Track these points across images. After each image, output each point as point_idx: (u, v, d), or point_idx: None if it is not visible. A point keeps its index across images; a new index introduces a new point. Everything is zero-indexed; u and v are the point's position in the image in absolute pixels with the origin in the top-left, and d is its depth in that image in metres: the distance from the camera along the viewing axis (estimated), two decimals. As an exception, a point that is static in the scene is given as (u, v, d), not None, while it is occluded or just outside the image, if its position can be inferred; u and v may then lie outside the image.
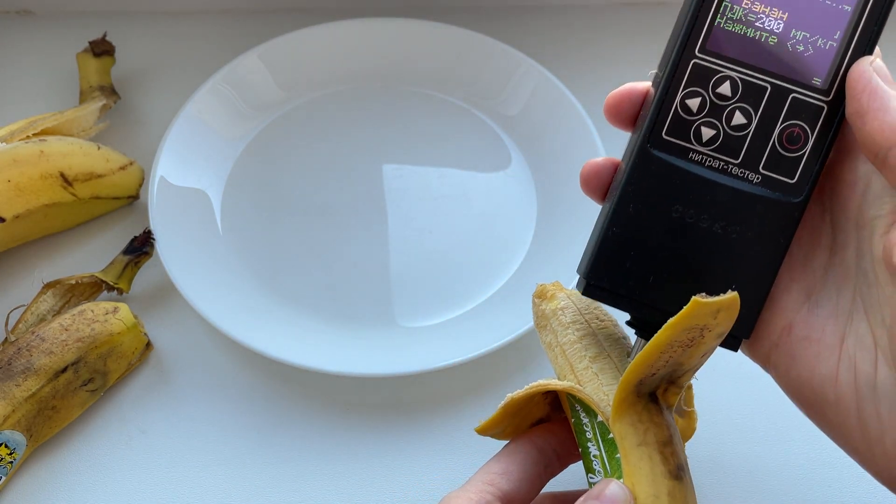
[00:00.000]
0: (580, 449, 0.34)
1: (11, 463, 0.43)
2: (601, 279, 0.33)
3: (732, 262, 0.33)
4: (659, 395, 0.33)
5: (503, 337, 0.46)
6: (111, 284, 0.48)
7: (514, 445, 0.36)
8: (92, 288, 0.49)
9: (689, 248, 0.33)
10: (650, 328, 0.34)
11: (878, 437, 0.31)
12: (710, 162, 0.33)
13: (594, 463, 0.33)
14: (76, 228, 0.53)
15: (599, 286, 0.34)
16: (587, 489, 0.33)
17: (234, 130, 0.56)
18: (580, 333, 0.35)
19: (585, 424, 0.34)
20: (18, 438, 0.43)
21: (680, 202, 0.33)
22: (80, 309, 0.46)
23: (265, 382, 0.48)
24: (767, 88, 0.32)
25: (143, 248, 0.49)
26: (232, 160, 0.55)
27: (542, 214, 0.53)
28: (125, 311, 0.46)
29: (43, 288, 0.47)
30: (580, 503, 0.31)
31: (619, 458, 0.32)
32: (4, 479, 0.43)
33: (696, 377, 0.34)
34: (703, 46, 0.32)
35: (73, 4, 0.62)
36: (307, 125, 0.57)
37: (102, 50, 0.56)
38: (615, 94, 0.34)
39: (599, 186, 0.35)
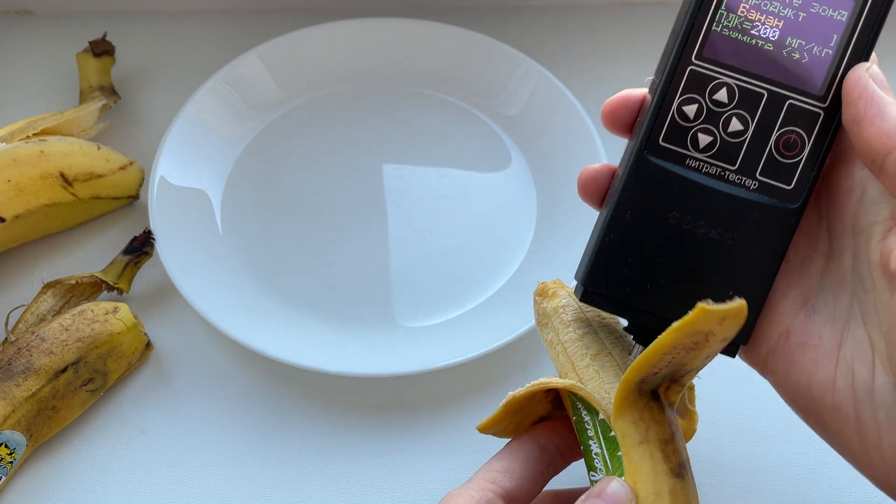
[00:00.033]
0: (582, 447, 0.34)
1: (11, 463, 0.43)
2: (599, 285, 0.34)
3: (730, 268, 0.33)
4: (661, 392, 0.33)
5: (503, 337, 0.46)
6: (111, 284, 0.48)
7: (516, 443, 0.36)
8: (92, 288, 0.49)
9: (686, 254, 0.33)
10: (648, 334, 0.34)
11: (875, 442, 0.31)
12: (707, 168, 0.33)
13: (596, 461, 0.33)
14: (76, 228, 0.53)
15: (597, 292, 0.34)
16: (589, 487, 0.33)
17: (234, 130, 0.56)
18: (581, 331, 0.35)
19: (587, 422, 0.34)
20: (18, 438, 0.43)
21: (677, 208, 0.33)
22: (80, 309, 0.46)
23: (265, 382, 0.48)
24: (764, 95, 0.32)
25: (143, 248, 0.49)
26: (232, 160, 0.55)
27: (542, 214, 0.53)
28: (125, 311, 0.46)
29: (43, 288, 0.47)
30: (582, 501, 0.31)
31: (620, 455, 0.32)
32: (4, 479, 0.43)
33: (698, 376, 0.34)
34: (699, 53, 0.32)
35: (73, 4, 0.62)
36: (307, 125, 0.57)
37: (102, 50, 0.57)
38: (612, 101, 0.35)
39: (597, 193, 0.35)
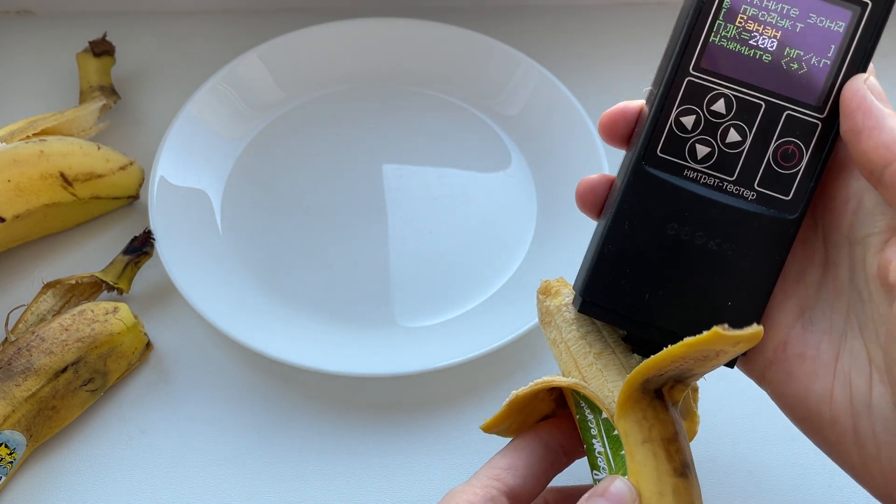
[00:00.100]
0: (585, 445, 0.34)
1: (11, 463, 0.43)
2: (597, 296, 0.34)
3: (728, 279, 0.33)
4: (665, 391, 0.32)
5: (503, 337, 0.46)
6: (111, 284, 0.48)
7: (520, 441, 0.36)
8: (92, 288, 0.49)
9: (684, 265, 0.33)
10: (647, 344, 0.34)
11: (874, 454, 0.31)
12: (705, 179, 0.33)
13: (599, 460, 0.33)
14: (76, 228, 0.53)
15: (596, 303, 0.34)
16: (592, 485, 0.33)
17: (234, 130, 0.56)
18: (585, 329, 0.35)
19: (590, 421, 0.34)
20: (18, 438, 0.43)
21: (675, 219, 0.33)
22: (80, 309, 0.46)
23: (265, 382, 0.48)
24: (762, 106, 0.32)
25: (143, 248, 0.49)
26: (232, 160, 0.55)
27: (542, 214, 0.53)
28: (125, 311, 0.46)
29: (43, 288, 0.47)
30: (585, 499, 0.31)
31: (623, 454, 0.32)
32: (4, 479, 0.43)
33: (703, 378, 0.34)
34: (697, 64, 0.32)
35: (73, 4, 0.62)
36: (307, 125, 0.57)
37: (102, 50, 0.56)
38: (610, 112, 0.35)
39: (595, 203, 0.35)
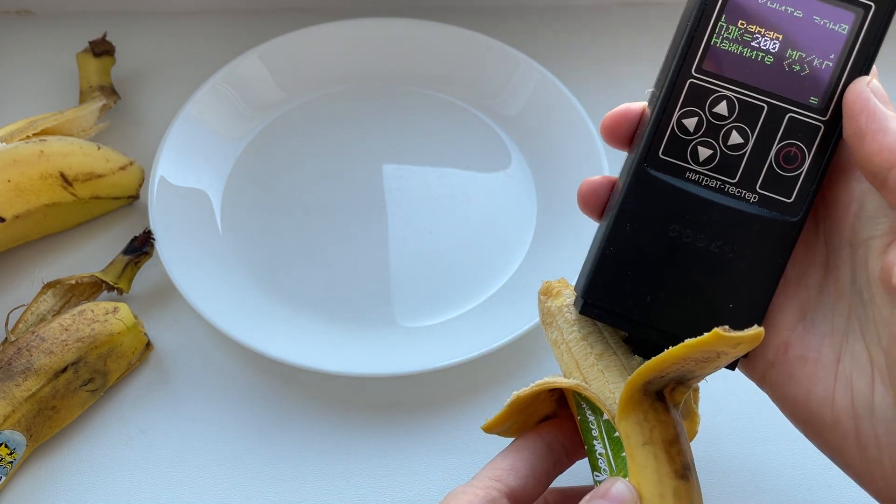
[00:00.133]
0: (586, 447, 0.34)
1: (11, 463, 0.43)
2: (599, 298, 0.34)
3: (730, 281, 0.33)
4: (666, 393, 0.32)
5: (503, 337, 0.46)
6: (111, 284, 0.48)
7: (522, 441, 0.36)
8: (92, 288, 0.49)
9: (686, 267, 0.33)
10: (648, 346, 0.34)
11: (875, 457, 0.31)
12: (707, 181, 0.33)
13: (600, 461, 0.33)
14: (76, 228, 0.53)
15: (597, 305, 0.34)
16: (592, 486, 0.33)
17: (234, 130, 0.56)
18: (586, 331, 0.35)
19: (591, 422, 0.34)
20: (18, 438, 0.43)
21: (677, 221, 0.33)
22: (80, 309, 0.46)
23: (265, 382, 0.48)
24: (764, 108, 0.32)
25: (143, 248, 0.49)
26: (232, 160, 0.55)
27: (542, 214, 0.53)
28: (125, 311, 0.46)
29: (43, 288, 0.47)
30: (586, 501, 0.31)
31: (624, 456, 0.32)
32: (4, 479, 0.43)
33: (704, 379, 0.34)
34: (699, 66, 0.32)
35: (73, 4, 0.62)
36: (307, 125, 0.57)
37: (102, 50, 0.56)
38: (612, 114, 0.35)
39: (597, 205, 0.35)
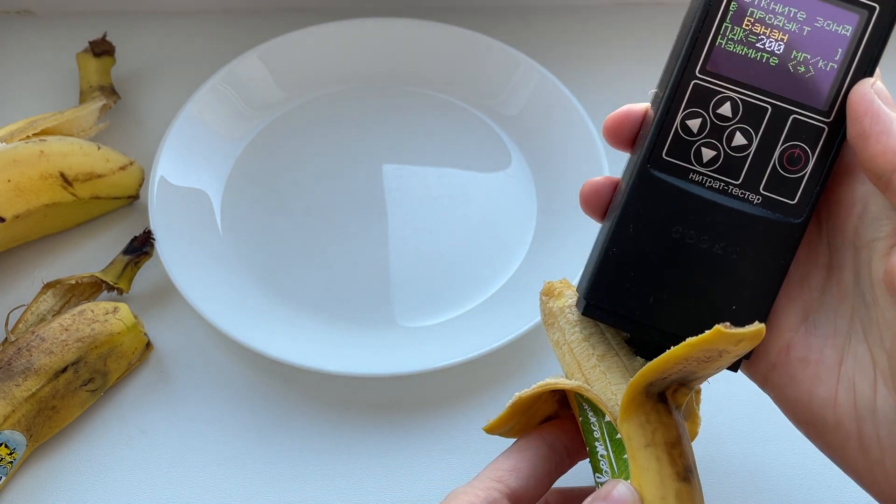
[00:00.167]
0: (588, 448, 0.34)
1: (11, 463, 0.43)
2: (601, 299, 0.33)
3: (733, 283, 0.33)
4: (668, 395, 0.32)
5: (503, 337, 0.46)
6: (111, 284, 0.48)
7: (524, 442, 0.35)
8: (92, 288, 0.49)
9: (689, 268, 0.33)
10: (650, 347, 0.34)
11: (878, 459, 0.31)
12: (710, 183, 0.33)
13: (601, 463, 0.33)
14: (76, 228, 0.53)
15: (600, 306, 0.34)
16: (594, 487, 0.33)
17: (234, 130, 0.56)
18: (588, 332, 0.35)
19: (593, 424, 0.33)
20: (18, 438, 0.43)
21: (680, 223, 0.33)
22: (80, 309, 0.46)
23: (265, 382, 0.48)
24: (768, 109, 0.32)
25: (143, 248, 0.49)
26: (232, 160, 0.55)
27: (542, 214, 0.53)
28: (125, 311, 0.46)
29: (43, 288, 0.47)
30: (588, 503, 0.31)
31: (626, 458, 0.31)
32: (4, 479, 0.43)
33: (707, 381, 0.34)
34: (703, 67, 0.32)
35: (73, 4, 0.62)
36: (307, 125, 0.57)
37: (102, 50, 0.56)
38: (614, 115, 0.34)
39: (599, 206, 0.35)
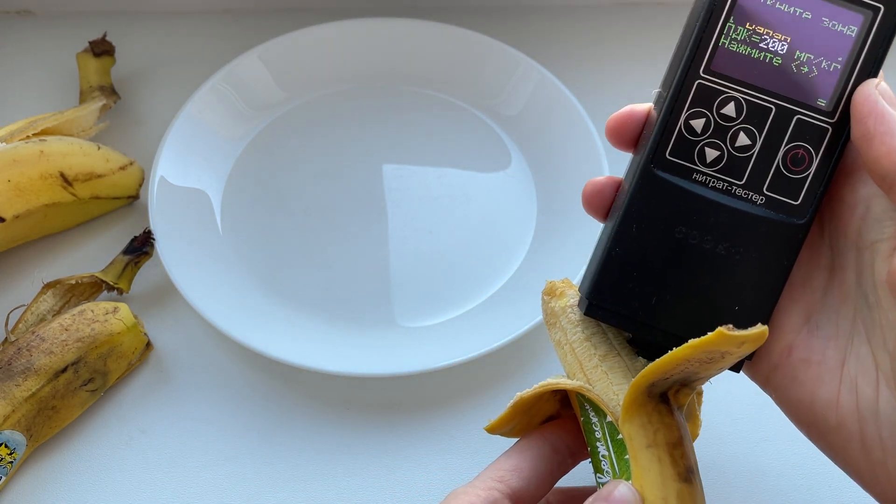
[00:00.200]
0: (589, 448, 0.34)
1: (11, 463, 0.43)
2: (604, 299, 0.33)
3: (735, 283, 0.33)
4: (670, 395, 0.32)
5: (503, 337, 0.46)
6: (111, 284, 0.48)
7: (526, 442, 0.35)
8: (92, 288, 0.49)
9: (692, 269, 0.33)
10: (653, 348, 0.34)
11: (880, 460, 0.31)
12: (713, 183, 0.32)
13: (603, 463, 0.33)
14: (76, 228, 0.53)
15: (602, 306, 0.34)
16: (595, 487, 0.33)
17: (234, 130, 0.56)
18: (590, 331, 0.35)
19: (595, 424, 0.33)
20: (18, 438, 0.43)
21: (683, 223, 0.33)
22: (80, 309, 0.46)
23: (265, 382, 0.48)
24: (772, 110, 0.32)
25: (143, 248, 0.49)
26: (232, 160, 0.55)
27: (542, 214, 0.53)
28: (125, 311, 0.46)
29: (43, 288, 0.47)
30: (589, 503, 0.31)
31: (628, 459, 0.31)
32: (4, 479, 0.43)
33: (709, 382, 0.34)
34: (707, 67, 0.32)
35: (73, 4, 0.62)
36: (307, 125, 0.57)
37: (102, 50, 0.56)
38: (617, 116, 0.34)
39: (602, 206, 0.35)
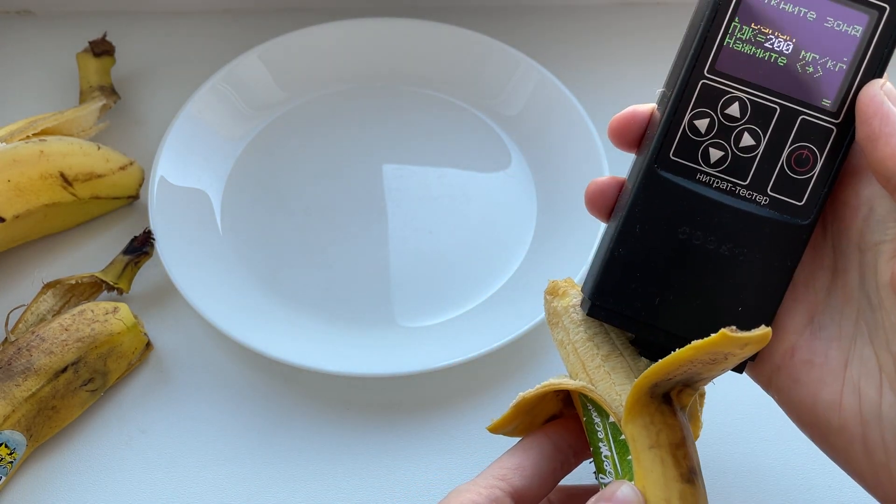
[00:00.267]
0: (591, 448, 0.34)
1: (11, 463, 0.43)
2: (607, 300, 0.33)
3: (739, 284, 0.33)
4: (673, 396, 0.32)
5: (503, 337, 0.46)
6: (111, 284, 0.48)
7: (528, 441, 0.35)
8: (92, 288, 0.49)
9: (695, 269, 0.33)
10: (655, 348, 0.34)
11: (883, 462, 0.30)
12: (717, 183, 0.32)
13: (605, 464, 0.33)
14: (76, 228, 0.53)
15: (605, 307, 0.33)
16: (597, 486, 0.33)
17: (234, 130, 0.56)
18: (592, 331, 0.35)
19: (597, 424, 0.33)
20: (18, 438, 0.43)
21: (687, 223, 0.32)
22: (80, 309, 0.46)
23: (265, 382, 0.48)
24: (776, 110, 0.32)
25: (143, 248, 0.49)
26: (232, 160, 0.55)
27: (542, 214, 0.53)
28: (125, 311, 0.46)
29: (43, 288, 0.47)
30: (592, 503, 0.31)
31: (630, 459, 0.31)
32: (4, 479, 0.43)
33: (712, 382, 0.34)
34: (711, 67, 0.32)
35: (73, 4, 0.62)
36: (307, 125, 0.57)
37: (102, 50, 0.56)
38: (620, 117, 0.34)
39: (605, 206, 0.35)
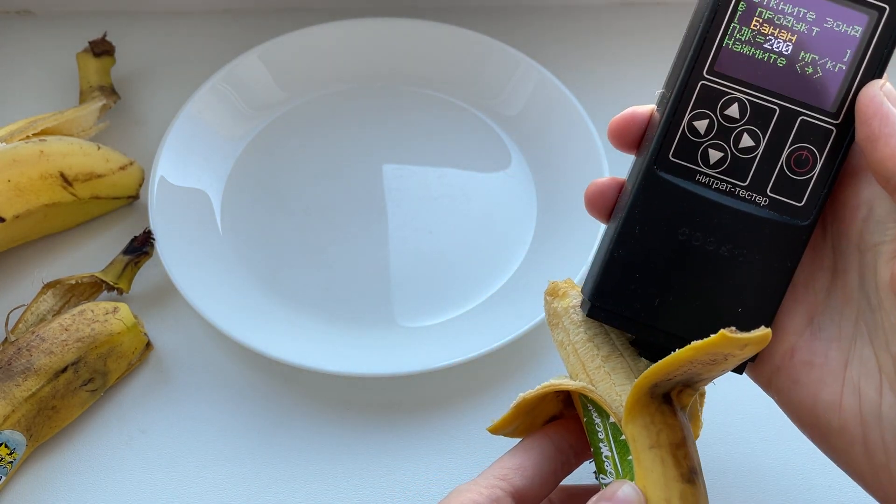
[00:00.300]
0: (592, 449, 0.34)
1: (11, 463, 0.43)
2: (606, 301, 0.33)
3: (738, 285, 0.33)
4: (673, 396, 0.32)
5: (503, 337, 0.46)
6: (111, 284, 0.48)
7: (529, 441, 0.35)
8: (92, 288, 0.49)
9: (695, 270, 0.33)
10: (655, 349, 0.34)
11: (883, 463, 0.30)
12: (717, 184, 0.32)
13: (606, 464, 0.33)
14: (76, 228, 0.53)
15: (604, 308, 0.33)
16: (598, 486, 0.33)
17: (234, 130, 0.56)
18: (592, 332, 0.35)
19: (597, 425, 0.33)
20: (18, 438, 0.43)
21: (686, 224, 0.32)
22: (80, 309, 0.46)
23: (265, 382, 0.48)
24: (776, 111, 0.32)
25: (143, 248, 0.49)
26: (232, 160, 0.55)
27: (542, 214, 0.53)
28: (125, 311, 0.46)
29: (43, 288, 0.47)
30: (593, 502, 0.31)
31: (631, 459, 0.31)
32: (4, 479, 0.43)
33: (713, 383, 0.34)
34: (711, 68, 0.32)
35: (73, 4, 0.62)
36: (307, 125, 0.57)
37: (102, 50, 0.56)
38: (619, 118, 0.34)
39: (604, 207, 0.35)
